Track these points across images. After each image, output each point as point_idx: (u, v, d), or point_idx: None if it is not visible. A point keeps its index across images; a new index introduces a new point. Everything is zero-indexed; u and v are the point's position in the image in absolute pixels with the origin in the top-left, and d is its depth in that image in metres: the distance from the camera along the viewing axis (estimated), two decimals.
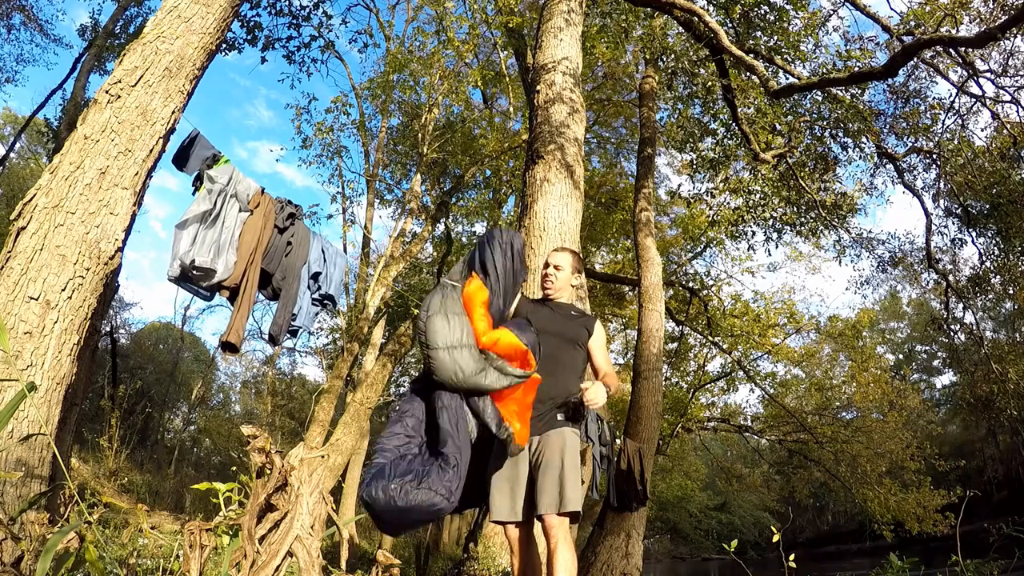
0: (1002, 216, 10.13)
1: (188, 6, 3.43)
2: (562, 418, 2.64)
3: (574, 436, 2.64)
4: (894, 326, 33.04)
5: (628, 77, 13.79)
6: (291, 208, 4.04)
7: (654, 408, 8.62)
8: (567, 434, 2.61)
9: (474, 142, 13.62)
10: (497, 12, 9.37)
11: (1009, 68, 9.05)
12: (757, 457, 21.60)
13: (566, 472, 2.50)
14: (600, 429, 3.08)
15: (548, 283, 2.85)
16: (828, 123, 8.99)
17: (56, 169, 2.90)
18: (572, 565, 2.36)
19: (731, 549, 3.34)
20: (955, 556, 3.77)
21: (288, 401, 23.99)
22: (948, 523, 12.68)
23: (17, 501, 2.36)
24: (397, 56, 12.20)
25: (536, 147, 4.98)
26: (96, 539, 1.92)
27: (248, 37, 8.83)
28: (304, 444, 1.73)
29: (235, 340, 3.63)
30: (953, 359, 16.46)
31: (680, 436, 16.15)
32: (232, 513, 1.93)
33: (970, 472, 22.00)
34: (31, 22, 13.69)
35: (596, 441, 3.01)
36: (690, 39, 8.05)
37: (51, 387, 2.60)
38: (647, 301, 9.30)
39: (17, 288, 2.61)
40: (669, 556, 27.34)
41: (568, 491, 2.46)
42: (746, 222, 10.23)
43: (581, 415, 2.70)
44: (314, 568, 1.52)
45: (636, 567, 7.46)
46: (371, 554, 2.71)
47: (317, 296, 4.31)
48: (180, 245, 3.42)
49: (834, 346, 16.52)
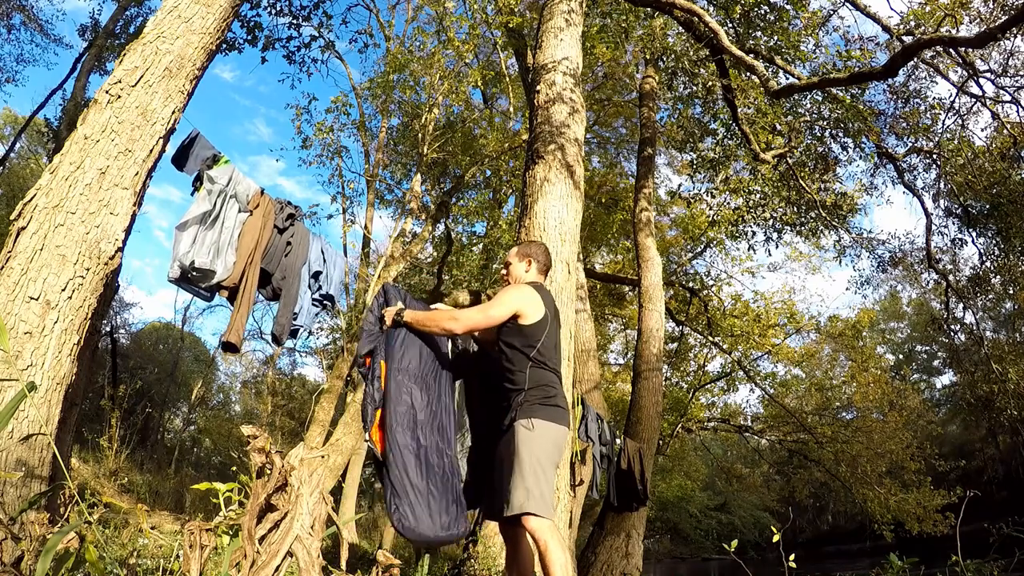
0: (1002, 216, 10.13)
1: (188, 6, 3.43)
2: (514, 414, 2.58)
3: (524, 431, 2.51)
4: (894, 326, 33.03)
5: (628, 77, 13.79)
6: (290, 209, 4.05)
7: (654, 408, 8.63)
8: (517, 428, 2.53)
9: (474, 142, 13.62)
10: (497, 12, 9.36)
11: (1009, 68, 9.05)
12: (757, 457, 21.61)
13: (513, 472, 2.45)
14: (600, 429, 3.07)
15: (504, 282, 3.04)
16: (828, 123, 8.99)
17: (56, 169, 2.90)
18: (560, 564, 2.28)
19: (731, 549, 3.34)
20: (955, 556, 3.76)
21: (288, 401, 23.98)
22: (948, 523, 12.68)
23: (17, 501, 2.36)
24: (397, 56, 12.20)
25: (536, 147, 4.98)
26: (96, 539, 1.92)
27: (248, 37, 8.83)
28: (304, 444, 1.73)
29: (235, 340, 3.63)
30: (953, 359, 16.46)
31: (680, 436, 16.15)
32: (232, 513, 1.93)
33: (970, 472, 21.99)
34: (31, 22, 13.70)
35: (596, 441, 3.00)
36: (690, 39, 8.05)
37: (51, 387, 2.60)
38: (647, 301, 9.30)
39: (17, 288, 2.61)
40: (669, 556, 27.31)
41: (509, 492, 2.41)
42: (746, 222, 10.23)
43: (522, 402, 2.59)
44: (314, 568, 1.52)
45: (636, 567, 7.46)
46: (371, 554, 2.72)
47: (317, 296, 4.32)
48: (180, 246, 3.42)
49: (834, 346, 16.53)
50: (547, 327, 2.72)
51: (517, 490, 2.40)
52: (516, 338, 2.68)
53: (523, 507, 2.36)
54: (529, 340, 2.68)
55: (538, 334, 2.68)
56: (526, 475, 2.41)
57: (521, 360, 2.65)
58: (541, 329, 2.70)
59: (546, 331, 2.71)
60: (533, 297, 2.75)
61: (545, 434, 2.52)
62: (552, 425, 2.55)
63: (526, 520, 2.36)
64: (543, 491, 2.39)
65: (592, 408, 6.31)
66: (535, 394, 2.59)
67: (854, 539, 26.42)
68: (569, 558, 2.37)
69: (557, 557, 2.28)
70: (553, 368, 2.71)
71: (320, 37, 9.96)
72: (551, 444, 2.53)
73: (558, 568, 2.26)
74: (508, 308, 2.71)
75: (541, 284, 2.94)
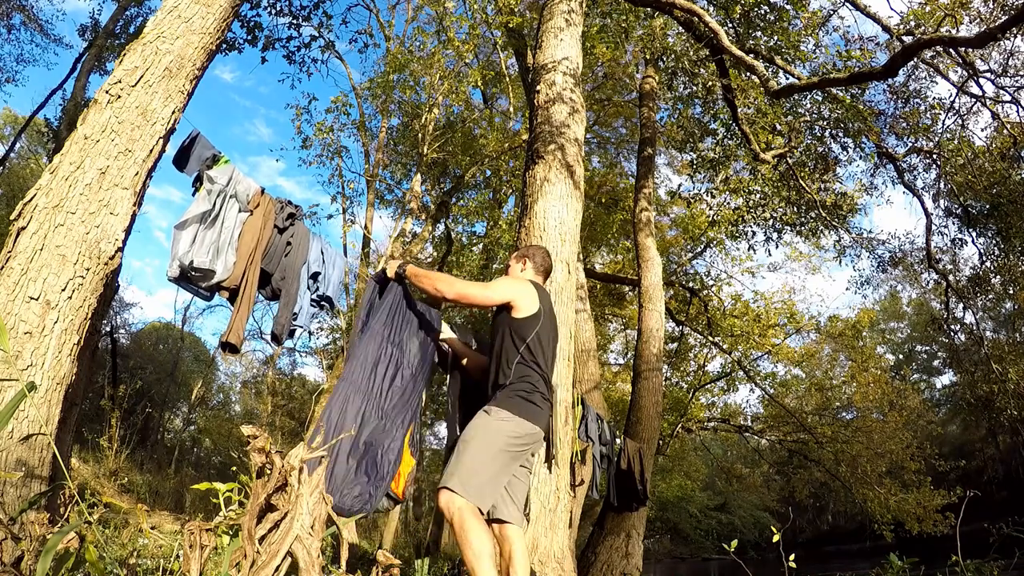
0: (1002, 216, 10.13)
1: (188, 6, 3.43)
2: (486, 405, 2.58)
3: (484, 415, 2.50)
4: (894, 326, 33.04)
5: (628, 77, 13.78)
6: (291, 208, 4.04)
7: (654, 408, 8.62)
8: (479, 414, 2.52)
9: (474, 142, 13.62)
10: (497, 12, 9.36)
11: (1009, 68, 9.05)
12: (757, 457, 21.59)
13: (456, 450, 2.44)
14: (600, 429, 3.07)
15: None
16: (828, 123, 8.99)
17: (56, 169, 2.90)
18: (473, 547, 2.21)
19: (731, 549, 3.34)
20: (955, 556, 3.76)
21: (288, 401, 23.96)
22: (948, 523, 12.68)
23: (17, 501, 2.36)
24: (397, 56, 12.20)
25: (536, 147, 4.98)
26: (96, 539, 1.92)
27: (248, 37, 8.83)
28: (304, 444, 1.74)
29: (235, 340, 3.63)
30: (953, 359, 16.44)
31: (680, 436, 16.15)
32: (232, 513, 1.93)
33: (970, 472, 21.98)
34: (31, 22, 13.70)
35: (596, 441, 3.00)
36: (690, 39, 8.05)
37: (51, 387, 2.60)
38: (647, 301, 9.30)
39: (17, 288, 2.61)
40: (669, 556, 27.31)
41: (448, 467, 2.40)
42: (746, 222, 10.23)
43: (498, 396, 2.57)
44: (314, 568, 1.52)
45: (636, 567, 7.46)
46: (371, 554, 2.72)
47: (315, 297, 4.31)
48: (179, 246, 3.41)
49: (834, 346, 16.52)
50: (538, 324, 2.66)
51: (449, 465, 2.37)
52: (508, 331, 2.66)
53: (444, 481, 2.31)
54: (520, 333, 2.64)
55: (528, 330, 2.64)
56: (463, 453, 2.37)
57: (511, 354, 2.61)
58: (531, 326, 2.65)
59: (537, 328, 2.65)
60: (529, 291, 2.72)
61: (504, 424, 2.44)
62: (516, 418, 2.46)
63: (439, 494, 2.32)
64: (478, 475, 2.31)
65: (592, 408, 6.30)
66: (513, 388, 2.54)
67: (854, 539, 26.44)
68: (490, 545, 2.23)
69: (472, 538, 2.19)
70: (540, 368, 2.63)
71: (320, 37, 9.96)
72: (508, 436, 2.44)
73: (467, 549, 2.19)
74: (503, 293, 2.69)
75: (540, 284, 2.92)
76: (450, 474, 2.33)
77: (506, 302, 2.69)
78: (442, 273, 2.93)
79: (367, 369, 2.72)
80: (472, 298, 2.70)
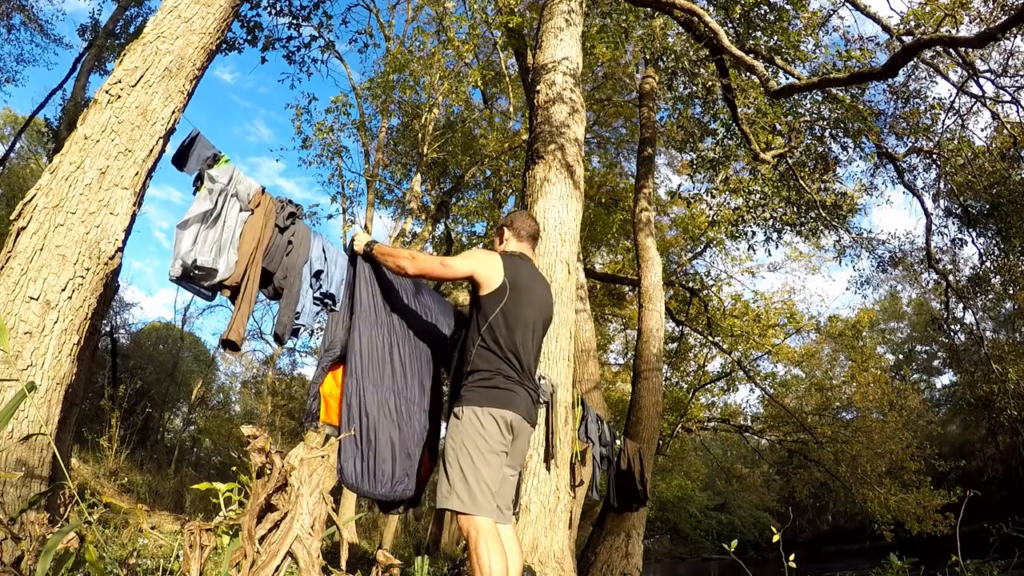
0: (1002, 216, 10.13)
1: (188, 6, 3.43)
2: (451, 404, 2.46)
3: (453, 419, 2.33)
4: (894, 326, 33.04)
5: (628, 77, 13.78)
6: (291, 207, 4.04)
7: (654, 408, 8.62)
8: (449, 418, 2.37)
9: (474, 142, 13.62)
10: (497, 12, 9.36)
11: (1009, 68, 9.04)
12: (757, 457, 21.60)
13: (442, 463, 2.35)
14: (600, 430, 3.05)
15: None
16: (828, 123, 8.99)
17: (56, 169, 2.90)
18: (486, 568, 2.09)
19: (731, 549, 3.34)
20: (955, 556, 3.77)
21: (288, 401, 23.96)
22: (948, 523, 12.67)
23: (17, 501, 2.36)
24: (397, 56, 12.20)
25: (536, 147, 4.98)
26: (96, 539, 1.92)
27: (248, 37, 8.83)
28: (304, 444, 1.73)
29: (236, 338, 3.62)
30: (953, 359, 16.47)
31: (680, 436, 16.15)
32: (232, 513, 1.93)
33: (970, 472, 21.99)
34: (31, 22, 13.70)
35: (596, 441, 2.98)
36: (690, 39, 8.05)
37: (51, 387, 2.60)
38: (647, 301, 9.30)
39: (17, 288, 2.61)
40: (669, 556, 27.31)
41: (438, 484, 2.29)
42: (746, 222, 10.23)
43: (460, 391, 2.40)
44: (314, 568, 1.52)
45: (636, 567, 7.46)
46: (371, 554, 2.72)
47: (319, 295, 4.31)
48: (181, 245, 3.41)
49: (834, 346, 16.52)
50: (503, 299, 2.38)
51: (441, 483, 2.25)
52: (474, 311, 2.45)
53: (442, 502, 2.20)
54: (483, 311, 2.38)
55: (491, 307, 2.37)
56: (448, 467, 2.24)
57: (473, 338, 2.38)
58: (495, 301, 2.38)
59: (501, 305, 2.37)
60: (493, 262, 2.46)
61: (471, 422, 2.26)
62: (484, 411, 2.26)
63: (455, 517, 2.23)
64: (469, 484, 2.17)
65: (592, 409, 6.30)
66: (472, 379, 2.34)
67: (854, 539, 26.43)
68: (502, 559, 2.12)
69: (484, 560, 2.06)
70: (502, 348, 2.34)
71: (320, 37, 9.97)
72: (484, 434, 2.24)
73: (477, 573, 2.07)
74: (464, 265, 2.45)
75: (522, 253, 2.63)
76: (445, 495, 2.20)
77: (467, 276, 2.45)
78: (405, 249, 2.83)
79: (369, 359, 2.71)
80: (431, 272, 2.50)
